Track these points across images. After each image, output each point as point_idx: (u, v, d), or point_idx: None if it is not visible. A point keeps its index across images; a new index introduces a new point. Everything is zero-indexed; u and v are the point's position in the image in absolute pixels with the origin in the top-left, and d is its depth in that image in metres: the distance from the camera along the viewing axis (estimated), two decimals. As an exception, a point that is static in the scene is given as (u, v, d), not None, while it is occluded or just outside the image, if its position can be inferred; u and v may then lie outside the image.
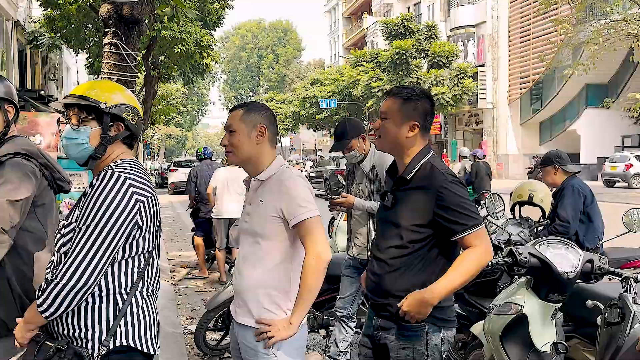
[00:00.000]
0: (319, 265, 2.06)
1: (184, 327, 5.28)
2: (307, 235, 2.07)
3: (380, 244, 2.28)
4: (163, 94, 24.43)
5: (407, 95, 2.21)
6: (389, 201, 2.27)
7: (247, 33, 66.43)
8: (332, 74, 34.59)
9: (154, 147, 51.00)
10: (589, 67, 16.55)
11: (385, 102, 2.26)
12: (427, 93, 2.26)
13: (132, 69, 4.73)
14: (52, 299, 1.68)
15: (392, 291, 2.19)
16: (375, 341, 2.31)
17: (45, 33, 14.84)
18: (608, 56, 17.38)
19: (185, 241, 10.96)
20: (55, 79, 22.60)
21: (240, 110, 2.21)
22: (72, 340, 1.76)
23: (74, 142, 1.87)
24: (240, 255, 2.24)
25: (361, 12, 44.64)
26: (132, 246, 1.80)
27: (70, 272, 1.68)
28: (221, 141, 2.24)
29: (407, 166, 2.21)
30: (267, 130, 2.19)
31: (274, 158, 2.22)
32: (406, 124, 2.19)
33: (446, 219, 2.08)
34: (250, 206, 2.22)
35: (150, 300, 1.89)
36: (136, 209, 1.77)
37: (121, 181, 1.76)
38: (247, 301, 2.14)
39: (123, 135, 1.90)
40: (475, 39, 31.75)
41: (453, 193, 2.09)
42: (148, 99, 12.92)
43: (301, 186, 2.13)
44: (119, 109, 1.87)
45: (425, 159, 2.20)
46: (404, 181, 2.21)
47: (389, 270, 2.20)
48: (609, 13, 16.96)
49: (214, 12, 14.83)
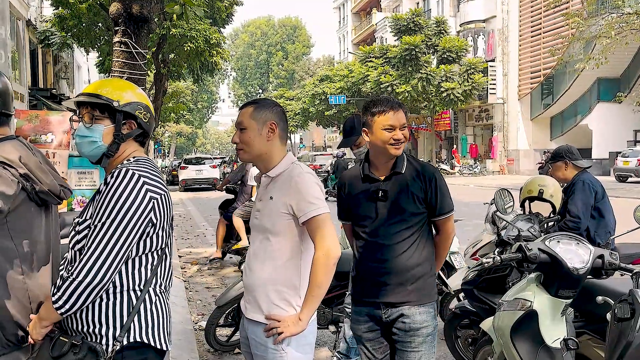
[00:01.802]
0: (329, 262, 2.07)
1: (195, 323, 5.31)
2: (317, 232, 2.09)
3: (384, 231, 2.48)
4: (173, 92, 24.55)
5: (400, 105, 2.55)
6: (384, 195, 2.49)
7: (256, 30, 66.44)
8: (341, 70, 34.56)
9: (165, 144, 51.26)
10: (601, 61, 16.39)
11: (403, 113, 2.51)
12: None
13: (142, 67, 4.76)
14: (68, 295, 1.70)
15: (408, 269, 2.46)
16: (381, 322, 2.50)
17: (56, 32, 14.97)
18: (620, 50, 17.21)
19: (196, 238, 11.02)
20: (66, 77, 22.80)
21: (250, 107, 2.22)
22: (86, 336, 1.78)
23: (87, 140, 1.87)
24: (251, 252, 2.25)
25: (370, 8, 44.50)
26: (146, 243, 1.81)
27: (87, 269, 1.69)
28: (232, 138, 2.26)
29: (395, 164, 2.51)
30: (278, 127, 2.20)
31: (285, 155, 2.23)
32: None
33: (439, 199, 2.49)
34: (261, 202, 2.23)
35: (163, 297, 1.91)
36: (150, 207, 1.78)
37: (135, 179, 1.77)
38: (257, 297, 2.16)
39: (136, 132, 1.91)
40: (485, 34, 31.52)
41: (442, 179, 2.53)
42: (158, 96, 12.99)
43: (311, 183, 2.14)
44: (132, 106, 1.88)
45: (406, 155, 2.56)
46: (398, 175, 2.50)
47: (402, 251, 2.46)
48: (621, 6, 16.76)
49: (223, 9, 14.87)
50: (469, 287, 3.60)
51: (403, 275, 2.46)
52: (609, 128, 25.96)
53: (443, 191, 2.51)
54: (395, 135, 2.45)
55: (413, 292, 2.47)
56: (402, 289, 2.47)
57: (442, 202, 2.50)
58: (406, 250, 2.47)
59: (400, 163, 2.51)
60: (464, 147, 33.62)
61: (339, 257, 2.11)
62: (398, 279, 2.47)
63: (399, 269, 2.46)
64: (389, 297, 2.48)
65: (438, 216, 2.52)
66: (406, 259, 2.47)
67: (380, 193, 2.50)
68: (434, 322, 2.52)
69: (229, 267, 7.98)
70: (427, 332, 2.47)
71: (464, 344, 3.92)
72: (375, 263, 2.50)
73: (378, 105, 2.49)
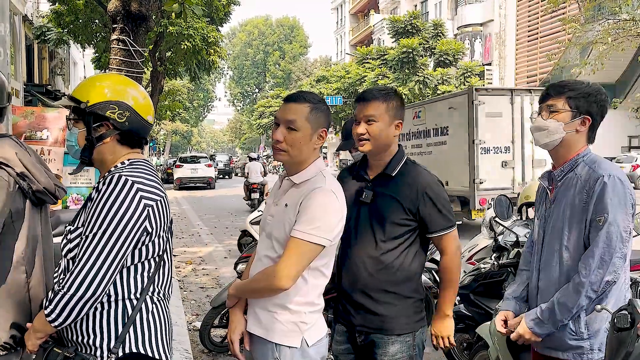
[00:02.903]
0: (272, 286, 1.87)
1: (189, 323, 5.29)
2: (286, 251, 1.88)
3: (360, 241, 2.21)
4: (169, 90, 24.49)
5: (385, 95, 2.21)
6: (367, 197, 2.23)
7: (253, 29, 66.41)
8: (338, 71, 34.55)
9: (160, 142, 51.13)
10: (597, 66, 16.44)
11: (369, 105, 2.19)
12: (397, 91, 2.29)
13: (139, 64, 4.73)
14: (60, 309, 1.62)
15: (382, 290, 2.18)
16: (356, 344, 2.26)
17: (52, 28, 14.91)
18: (616, 56, 17.25)
19: (191, 237, 10.99)
20: (62, 73, 22.68)
21: (307, 105, 1.95)
22: (80, 347, 1.71)
23: (69, 144, 1.82)
24: (257, 255, 2.09)
25: (368, 9, 44.54)
26: (141, 251, 1.73)
27: (78, 282, 1.61)
28: (274, 134, 1.97)
29: (388, 164, 2.23)
30: (327, 134, 2.00)
31: (315, 159, 2.00)
32: (393, 123, 2.22)
33: (434, 215, 2.17)
34: (276, 208, 2.02)
35: (161, 304, 1.81)
36: (145, 215, 1.68)
37: (129, 186, 1.67)
38: (253, 304, 2.03)
39: (110, 134, 1.76)
40: (482, 38, 31.61)
41: (441, 191, 2.21)
42: (154, 94, 12.96)
43: (321, 203, 1.89)
44: (101, 106, 1.73)
45: (405, 158, 2.26)
46: (386, 177, 2.23)
47: (378, 268, 2.18)
48: (618, 13, 16.82)
49: (221, 8, 14.84)
50: (465, 292, 3.60)
51: (376, 296, 2.17)
52: (604, 133, 25.60)
53: (438, 204, 2.17)
54: (358, 129, 2.19)
55: (387, 318, 2.17)
56: (374, 313, 2.18)
57: (435, 217, 2.17)
58: (383, 267, 2.16)
59: (394, 164, 2.23)
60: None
61: (281, 290, 1.87)
62: (370, 301, 2.18)
63: (372, 289, 2.17)
64: (360, 321, 2.21)
65: (432, 233, 2.20)
66: (383, 277, 2.16)
67: (364, 194, 2.23)
68: (412, 353, 2.20)
69: (224, 267, 7.95)
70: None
71: (459, 348, 3.91)
72: (349, 278, 2.24)
73: (360, 94, 2.26)
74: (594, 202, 1.99)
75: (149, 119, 1.84)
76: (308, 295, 1.96)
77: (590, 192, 2.02)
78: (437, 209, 2.17)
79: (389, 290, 2.18)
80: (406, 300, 2.20)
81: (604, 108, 2.17)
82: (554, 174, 2.20)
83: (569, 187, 2.11)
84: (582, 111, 2.11)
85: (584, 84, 2.17)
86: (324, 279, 2.02)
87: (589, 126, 2.14)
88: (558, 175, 2.18)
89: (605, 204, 1.96)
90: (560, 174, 2.17)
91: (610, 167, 2.07)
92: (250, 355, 2.06)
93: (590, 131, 2.17)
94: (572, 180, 2.11)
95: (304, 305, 1.96)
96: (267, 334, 1.96)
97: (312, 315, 1.99)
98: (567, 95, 2.13)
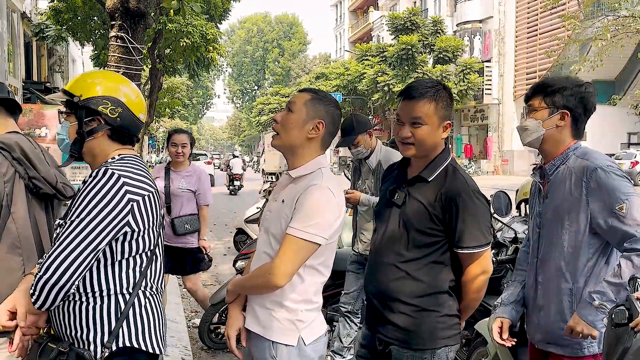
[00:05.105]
0: (268, 283, 1.86)
1: (188, 320, 5.29)
2: (282, 248, 1.87)
3: (386, 246, 2.11)
4: (168, 87, 24.45)
5: (435, 93, 2.01)
6: (400, 199, 2.09)
7: (252, 26, 66.32)
8: (338, 68, 34.55)
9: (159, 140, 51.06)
10: (596, 63, 16.45)
11: (416, 105, 1.99)
12: (445, 85, 2.08)
13: (138, 62, 4.72)
14: (39, 292, 1.63)
15: (402, 300, 2.05)
16: (376, 351, 2.17)
17: (51, 25, 14.85)
18: (615, 53, 17.26)
19: (190, 234, 10.97)
20: (61, 71, 22.63)
21: (309, 95, 2.00)
22: (74, 342, 1.72)
23: (59, 137, 1.83)
24: (257, 251, 2.07)
25: (367, 6, 44.47)
26: (131, 245, 1.73)
27: (53, 268, 1.62)
28: (275, 115, 2.02)
29: (427, 166, 2.05)
30: (324, 129, 1.96)
31: (316, 156, 1.98)
32: (441, 125, 2.03)
33: (459, 228, 1.97)
34: (275, 203, 2.02)
35: (154, 299, 1.83)
36: (128, 210, 1.69)
37: (114, 179, 1.68)
38: (251, 301, 2.02)
39: (101, 129, 1.78)
40: (481, 34, 31.57)
41: (474, 204, 1.98)
42: (153, 92, 12.93)
43: (318, 201, 1.87)
44: (94, 101, 1.76)
45: (447, 162, 2.06)
46: (422, 181, 2.05)
47: (398, 276, 2.05)
48: (617, 9, 16.82)
49: (220, 5, 14.79)
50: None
51: (394, 306, 2.06)
52: (603, 130, 26.05)
53: (468, 219, 1.95)
54: (401, 131, 2.04)
55: (404, 330, 2.04)
56: (391, 323, 2.07)
57: (462, 232, 1.96)
58: (405, 275, 2.04)
59: (433, 168, 2.04)
60: (459, 147, 33.68)
61: (277, 288, 1.86)
62: (388, 309, 2.07)
63: (390, 298, 2.06)
64: (380, 329, 2.12)
65: (456, 248, 2.00)
66: (403, 286, 2.04)
67: (396, 196, 2.10)
68: None
69: (223, 264, 7.96)
70: None
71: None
72: (372, 282, 2.16)
73: (404, 89, 2.06)
74: (602, 197, 1.99)
75: (141, 117, 1.86)
76: (304, 293, 1.95)
77: (588, 183, 2.02)
78: (463, 221, 1.96)
79: (407, 302, 2.04)
80: (428, 314, 2.03)
81: (586, 100, 2.15)
82: (545, 168, 2.20)
83: (563, 180, 2.11)
84: (558, 106, 2.12)
85: (562, 79, 2.18)
86: (321, 277, 2.00)
87: (571, 120, 2.13)
88: (549, 170, 2.18)
89: (617, 194, 1.97)
90: (551, 167, 2.18)
91: (603, 157, 2.08)
92: (248, 351, 2.05)
93: (574, 125, 2.15)
94: (565, 173, 2.10)
95: (301, 303, 1.94)
96: (264, 332, 1.95)
97: (310, 313, 1.97)
98: (543, 93, 2.14)
